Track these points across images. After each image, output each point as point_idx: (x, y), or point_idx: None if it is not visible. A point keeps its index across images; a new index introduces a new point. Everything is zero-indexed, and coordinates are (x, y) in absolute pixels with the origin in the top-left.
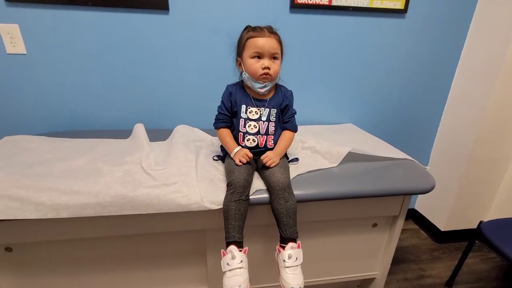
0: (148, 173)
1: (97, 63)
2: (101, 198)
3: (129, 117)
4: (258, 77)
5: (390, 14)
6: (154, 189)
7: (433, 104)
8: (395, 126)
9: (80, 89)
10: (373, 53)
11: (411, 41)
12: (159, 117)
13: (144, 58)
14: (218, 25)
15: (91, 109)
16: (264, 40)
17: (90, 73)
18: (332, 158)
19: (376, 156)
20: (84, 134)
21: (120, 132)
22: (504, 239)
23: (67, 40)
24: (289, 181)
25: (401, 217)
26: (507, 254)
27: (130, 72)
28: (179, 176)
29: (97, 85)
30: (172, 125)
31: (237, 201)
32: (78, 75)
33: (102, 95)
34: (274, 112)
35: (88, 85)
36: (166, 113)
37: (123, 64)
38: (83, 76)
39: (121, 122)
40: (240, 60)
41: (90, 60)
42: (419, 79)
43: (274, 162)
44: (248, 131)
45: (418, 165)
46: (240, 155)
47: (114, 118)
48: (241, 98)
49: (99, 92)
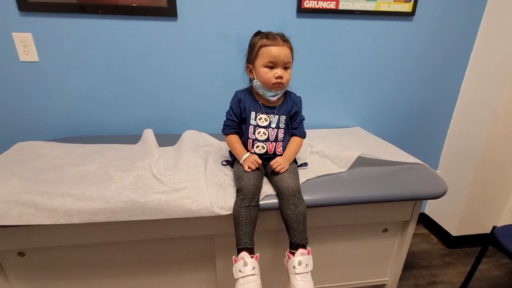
0: (158, 178)
1: (107, 70)
2: (112, 204)
3: (138, 122)
4: (271, 86)
5: (397, 17)
6: (164, 195)
7: (443, 107)
8: (404, 129)
9: (90, 95)
10: (381, 56)
11: (420, 44)
12: (167, 122)
13: (153, 64)
14: (226, 31)
15: (101, 115)
16: (278, 49)
17: (100, 80)
18: (341, 162)
19: (386, 160)
20: (94, 140)
21: (130, 138)
22: None
23: (78, 48)
24: (298, 187)
25: (412, 222)
26: None
27: (139, 78)
28: (188, 182)
29: (107, 92)
30: (180, 130)
31: (247, 207)
32: (89, 82)
33: (112, 101)
34: (284, 119)
35: (98, 91)
36: (175, 118)
37: (132, 71)
38: (93, 83)
39: (130, 128)
40: (251, 67)
41: (100, 67)
42: (428, 82)
43: (284, 168)
44: (258, 138)
45: (428, 169)
46: (249, 161)
47: (124, 124)
48: (250, 104)
49: (109, 99)
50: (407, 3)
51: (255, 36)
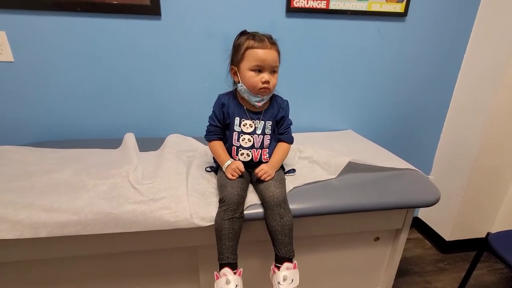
0: (135, 187)
1: (87, 70)
2: (82, 216)
3: (121, 125)
4: (257, 91)
5: (390, 17)
6: (141, 205)
7: (436, 110)
8: (396, 132)
9: (69, 97)
10: (373, 58)
11: (412, 45)
12: (152, 125)
13: (136, 64)
14: (212, 30)
15: (81, 118)
16: (266, 52)
17: (80, 80)
18: (331, 169)
19: (377, 166)
20: (73, 144)
21: (111, 141)
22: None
23: (56, 47)
24: (284, 196)
25: (404, 230)
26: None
27: (121, 79)
28: (168, 191)
29: (87, 93)
30: (166, 133)
31: (230, 219)
32: (68, 83)
33: (92, 103)
34: (270, 125)
35: (78, 93)
36: (159, 121)
37: (114, 71)
38: (72, 84)
39: (113, 131)
40: (236, 69)
41: (79, 67)
42: (421, 84)
43: (269, 176)
44: (242, 145)
45: (421, 175)
46: (232, 168)
47: (106, 126)
48: (234, 109)
49: (89, 100)
50: (399, 3)
51: (240, 36)
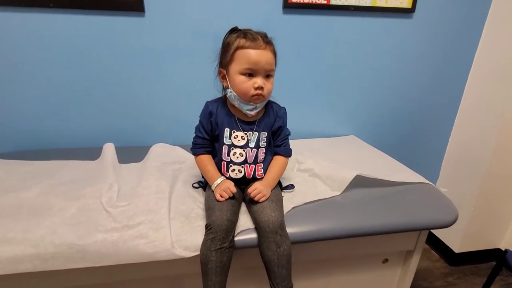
0: (107, 210)
1: (63, 72)
2: (41, 249)
3: (103, 132)
4: (249, 98)
5: (396, 13)
6: (112, 234)
7: (444, 112)
8: (401, 137)
9: (45, 102)
10: (377, 57)
11: (420, 43)
12: (136, 132)
13: (118, 66)
14: (202, 28)
15: (59, 125)
16: (259, 53)
17: (56, 83)
18: (334, 184)
19: (386, 180)
20: (51, 154)
21: (92, 151)
22: None
23: (27, 47)
24: (282, 221)
25: (416, 253)
26: None
27: (101, 82)
28: (146, 214)
29: (64, 97)
30: (152, 141)
31: (218, 249)
32: (42, 87)
33: (71, 108)
34: (265, 136)
35: (54, 97)
36: (145, 127)
37: (93, 74)
38: (48, 88)
39: (93, 138)
40: (225, 72)
41: (55, 69)
42: (428, 85)
43: (264, 196)
44: (233, 160)
45: (435, 189)
46: (222, 188)
47: (86, 134)
48: (223, 119)
49: (67, 105)
50: None
51: (230, 33)
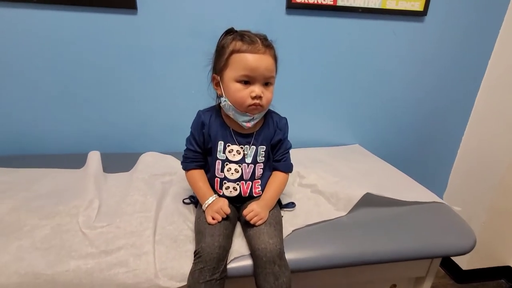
0: (83, 232)
1: (48, 72)
2: (4, 279)
3: (92, 137)
4: (245, 108)
5: (406, 16)
6: (87, 261)
7: (454, 120)
8: (408, 146)
9: (29, 104)
10: (385, 62)
11: (431, 48)
12: (127, 138)
13: (108, 66)
14: (199, 28)
15: (44, 129)
16: (258, 58)
17: (41, 84)
18: (340, 203)
19: (397, 200)
20: (34, 160)
21: (79, 158)
22: None
23: (7, 45)
24: (281, 248)
25: (428, 279)
26: None
27: (90, 83)
28: (127, 237)
29: (50, 99)
30: (144, 147)
31: (207, 282)
32: (25, 88)
33: (57, 111)
34: (263, 150)
35: (39, 99)
36: (137, 133)
37: (81, 74)
38: (31, 89)
39: (82, 144)
40: (218, 79)
41: (39, 69)
42: (438, 92)
43: (261, 219)
44: (228, 177)
45: (449, 210)
46: (214, 209)
47: (74, 139)
48: (217, 131)
49: (53, 108)
50: (418, 0)
51: (225, 35)
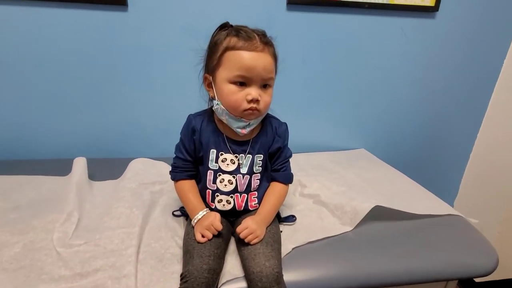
0: (57, 251)
1: (38, 72)
2: None
3: (82, 141)
4: (240, 113)
5: (416, 12)
6: (60, 285)
7: (466, 124)
8: (416, 150)
9: (15, 107)
10: (393, 61)
11: (443, 47)
12: (119, 141)
13: (98, 67)
14: (193, 25)
15: (30, 133)
16: (255, 56)
17: (27, 85)
18: (345, 216)
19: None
20: (20, 166)
21: (68, 162)
22: None
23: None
24: (278, 272)
25: None
26: None
27: (80, 83)
28: (107, 257)
29: (39, 101)
30: (137, 152)
31: None
32: (12, 89)
33: (44, 113)
34: (260, 160)
35: (27, 101)
36: (129, 136)
37: (72, 74)
38: (20, 90)
39: (72, 148)
40: (211, 79)
41: (28, 69)
42: (450, 94)
43: (257, 238)
44: (220, 189)
45: (466, 224)
46: (203, 226)
47: (63, 143)
48: (209, 137)
49: (40, 110)
50: None
51: (219, 30)
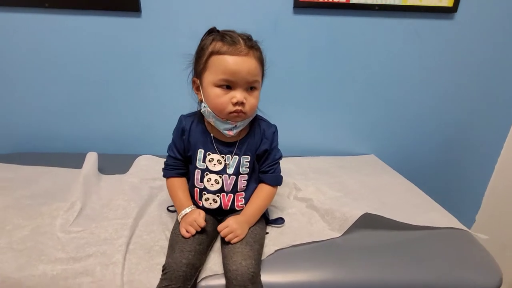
0: (58, 236)
1: (60, 73)
2: None
3: (98, 138)
4: (226, 116)
5: (432, 13)
6: (55, 266)
7: (490, 134)
8: (430, 162)
9: (39, 104)
10: (406, 65)
11: (463, 50)
12: (131, 139)
13: (113, 69)
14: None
15: (54, 128)
16: (239, 61)
17: (54, 86)
18: (335, 222)
19: (402, 223)
20: (43, 158)
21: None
22: None
23: (23, 48)
24: (254, 272)
25: None
26: None
27: (96, 85)
28: (99, 244)
29: (59, 100)
30: (148, 150)
31: None
32: (37, 89)
33: (65, 112)
34: (247, 161)
35: (52, 100)
36: (141, 135)
37: (88, 76)
38: (45, 90)
39: (88, 144)
40: (199, 83)
41: (52, 70)
42: (469, 101)
43: (237, 237)
44: (207, 188)
45: (471, 238)
46: (187, 222)
47: (83, 139)
48: (198, 138)
49: (65, 108)
50: None
51: (207, 36)
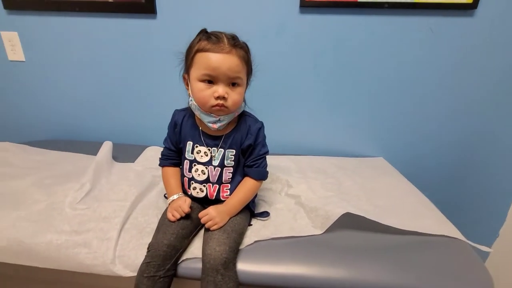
0: (65, 212)
1: (88, 70)
2: None
3: (117, 129)
4: (208, 109)
5: (449, 10)
6: (60, 236)
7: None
8: (444, 168)
9: (72, 98)
10: (420, 67)
11: (482, 51)
12: (147, 132)
13: (132, 67)
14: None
15: (85, 119)
16: (220, 57)
17: (82, 81)
18: (317, 220)
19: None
20: (73, 145)
21: None
22: None
23: (59, 48)
24: (227, 258)
25: None
26: None
27: (118, 81)
28: (98, 221)
29: (88, 94)
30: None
31: (151, 277)
32: (71, 84)
33: (96, 104)
34: (232, 154)
35: (81, 93)
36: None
37: (114, 72)
38: (74, 84)
39: (116, 135)
40: (188, 78)
41: (82, 67)
42: (488, 103)
43: (216, 224)
44: (195, 178)
45: (466, 247)
46: (173, 207)
47: (109, 130)
48: (188, 131)
49: (93, 101)
50: None
51: (197, 36)
